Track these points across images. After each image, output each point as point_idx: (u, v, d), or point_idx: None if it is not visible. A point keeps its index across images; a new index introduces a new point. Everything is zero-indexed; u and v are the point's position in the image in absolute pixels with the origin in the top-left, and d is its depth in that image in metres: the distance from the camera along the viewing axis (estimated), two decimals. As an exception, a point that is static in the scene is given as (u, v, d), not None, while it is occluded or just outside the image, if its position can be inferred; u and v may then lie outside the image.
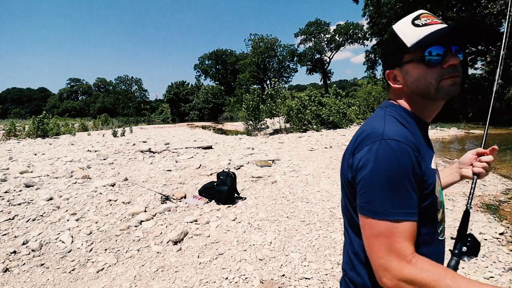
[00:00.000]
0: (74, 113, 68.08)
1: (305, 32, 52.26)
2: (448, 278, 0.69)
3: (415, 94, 0.89)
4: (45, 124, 16.84)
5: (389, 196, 0.74)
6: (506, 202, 4.69)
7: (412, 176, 0.76)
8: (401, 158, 0.75)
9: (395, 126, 0.82)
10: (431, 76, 0.84)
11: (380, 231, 0.75)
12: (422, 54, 0.84)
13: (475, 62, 25.82)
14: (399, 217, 0.74)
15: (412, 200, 0.75)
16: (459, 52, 0.87)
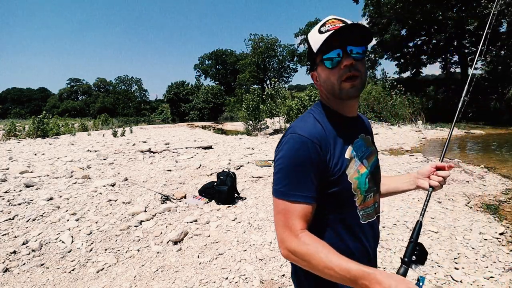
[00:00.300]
0: (74, 113, 68.10)
1: (305, 32, 52.24)
2: (322, 253, 0.82)
3: (328, 93, 1.01)
4: (45, 124, 16.84)
5: (289, 180, 0.89)
6: (506, 202, 4.69)
7: (311, 165, 0.88)
8: (300, 149, 0.88)
9: (306, 123, 0.96)
10: (333, 77, 0.95)
11: (280, 208, 0.90)
12: (322, 57, 0.96)
13: (475, 62, 25.81)
14: (294, 199, 0.88)
15: (307, 185, 0.88)
16: (359, 49, 0.95)
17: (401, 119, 18.83)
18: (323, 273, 0.81)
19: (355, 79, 0.95)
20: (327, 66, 0.96)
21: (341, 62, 0.93)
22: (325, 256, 0.81)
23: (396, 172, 6.61)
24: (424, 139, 13.02)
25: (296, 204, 0.88)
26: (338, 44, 0.93)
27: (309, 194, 0.89)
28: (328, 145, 0.94)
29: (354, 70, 0.94)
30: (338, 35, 0.91)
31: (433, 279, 2.76)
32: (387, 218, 4.14)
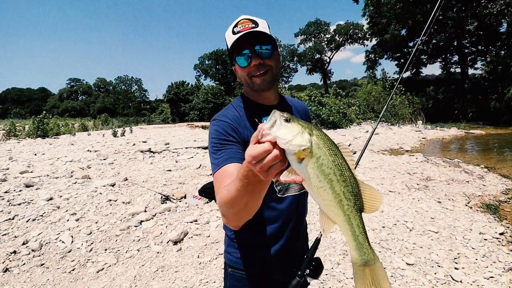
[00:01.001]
0: (74, 113, 68.05)
1: (305, 32, 52.23)
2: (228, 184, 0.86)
3: (245, 86, 1.18)
4: (45, 124, 16.83)
5: (216, 155, 1.02)
6: (506, 202, 4.69)
7: (231, 138, 1.05)
8: (217, 129, 1.07)
9: (224, 111, 1.16)
10: (245, 74, 1.12)
11: (215, 181, 1.00)
12: (235, 57, 1.11)
13: (475, 62, 25.85)
14: (222, 164, 0.99)
15: (232, 151, 1.01)
16: (267, 47, 1.09)
17: (401, 119, 18.82)
18: (237, 193, 0.79)
19: (264, 74, 1.11)
20: (240, 65, 1.12)
21: (251, 62, 1.08)
22: (229, 184, 0.83)
23: (396, 172, 6.61)
24: (424, 139, 13.02)
25: (223, 168, 0.97)
26: (247, 45, 1.08)
27: (230, 161, 0.98)
28: (244, 128, 1.10)
29: (262, 67, 1.10)
30: (247, 37, 1.05)
31: (433, 279, 2.76)
32: (387, 218, 4.14)
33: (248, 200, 0.80)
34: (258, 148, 0.61)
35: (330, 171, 0.64)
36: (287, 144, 0.60)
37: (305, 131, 0.62)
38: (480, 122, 18.74)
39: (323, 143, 0.64)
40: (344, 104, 20.29)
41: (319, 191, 0.65)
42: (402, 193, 5.20)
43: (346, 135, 14.04)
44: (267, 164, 0.61)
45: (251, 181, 0.73)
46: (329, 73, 55.36)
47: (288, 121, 0.62)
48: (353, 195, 0.67)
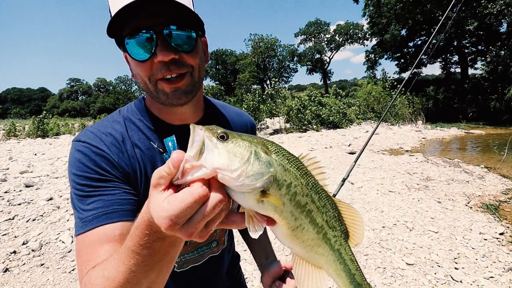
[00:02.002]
0: (74, 113, 68.12)
1: (305, 32, 52.25)
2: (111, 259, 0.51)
3: (145, 92, 0.75)
4: (45, 124, 16.84)
5: (77, 203, 0.67)
6: (506, 202, 4.69)
7: (102, 177, 0.68)
8: (82, 159, 0.69)
9: (102, 124, 0.77)
10: (143, 74, 0.68)
11: (79, 245, 0.64)
12: (124, 40, 0.64)
13: (475, 62, 25.86)
14: (87, 228, 0.64)
15: (103, 205, 0.65)
16: (186, 34, 0.65)
17: (401, 119, 18.83)
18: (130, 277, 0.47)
19: (180, 78, 0.66)
20: (133, 56, 0.64)
21: (155, 54, 0.63)
22: (111, 267, 0.49)
23: (396, 172, 6.61)
24: (424, 139, 13.02)
25: (96, 230, 0.60)
26: (149, 21, 0.61)
27: (114, 207, 0.63)
28: (130, 157, 0.70)
29: (177, 65, 0.65)
30: (149, 6, 0.59)
31: (433, 279, 2.76)
32: (387, 218, 4.14)
33: (152, 281, 0.48)
34: (182, 199, 0.36)
35: (306, 199, 0.44)
36: (239, 178, 0.38)
37: (259, 149, 0.41)
38: (480, 122, 18.74)
39: (288, 162, 0.43)
40: (344, 104, 20.30)
41: (296, 233, 0.46)
42: (402, 193, 5.20)
43: (346, 135, 14.04)
44: (204, 220, 0.38)
45: (157, 249, 0.44)
46: (329, 73, 55.38)
47: (224, 138, 0.41)
48: (337, 220, 0.49)
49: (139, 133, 0.74)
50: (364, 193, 5.23)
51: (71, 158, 0.67)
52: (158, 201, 0.38)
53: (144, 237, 0.43)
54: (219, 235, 0.87)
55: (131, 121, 0.75)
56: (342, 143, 11.48)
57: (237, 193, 0.41)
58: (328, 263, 0.51)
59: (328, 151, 10.31)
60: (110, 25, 0.62)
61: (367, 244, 3.43)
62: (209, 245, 0.84)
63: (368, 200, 4.89)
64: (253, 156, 0.40)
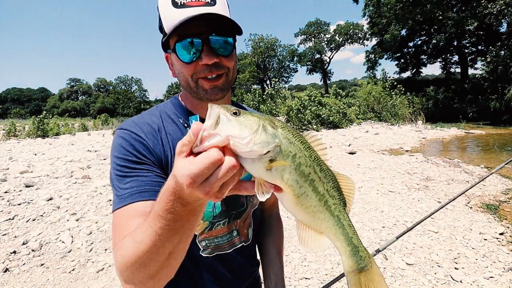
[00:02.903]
0: (74, 113, 68.13)
1: (305, 32, 52.23)
2: (140, 228, 0.57)
3: (184, 89, 0.85)
4: (45, 124, 16.84)
5: (116, 183, 0.75)
6: (506, 202, 4.69)
7: (140, 160, 0.76)
8: (124, 144, 0.78)
9: (142, 117, 0.86)
10: (187, 73, 0.78)
11: (113, 224, 0.72)
12: (175, 44, 0.75)
13: (475, 62, 25.86)
14: (124, 203, 0.72)
15: (138, 185, 0.72)
16: (226, 40, 0.77)
17: (401, 119, 18.83)
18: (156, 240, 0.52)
19: (218, 78, 0.78)
20: (181, 58, 0.75)
21: (200, 58, 0.74)
22: (140, 231, 0.55)
23: (396, 172, 6.61)
24: (424, 139, 13.02)
25: (130, 206, 0.67)
26: (197, 29, 0.73)
27: (148, 188, 0.70)
28: (163, 145, 0.79)
29: (216, 68, 0.76)
30: (200, 18, 0.70)
31: (433, 279, 2.76)
32: (387, 218, 4.14)
33: (174, 246, 0.54)
34: (201, 161, 0.41)
35: (310, 170, 0.50)
36: (248, 145, 0.43)
37: (266, 123, 0.47)
38: (480, 122, 18.74)
39: (292, 136, 0.49)
40: (344, 104, 20.30)
41: (300, 200, 0.51)
42: (402, 193, 5.20)
43: (346, 135, 14.04)
44: (219, 181, 0.43)
45: (180, 215, 0.50)
46: (329, 73, 55.36)
47: (237, 114, 0.46)
48: (336, 189, 0.55)
49: (173, 125, 0.84)
50: (364, 193, 5.23)
51: (114, 142, 0.78)
52: (181, 164, 0.44)
53: (169, 202, 0.49)
54: (240, 226, 0.91)
55: (166, 114, 0.86)
56: (342, 143, 11.48)
57: (248, 161, 0.46)
58: (329, 228, 0.56)
59: (328, 151, 10.32)
60: (163, 27, 0.76)
61: (367, 244, 3.44)
62: (230, 234, 0.89)
63: (368, 200, 4.89)
64: (261, 128, 0.46)
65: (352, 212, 4.38)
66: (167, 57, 0.85)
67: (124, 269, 0.57)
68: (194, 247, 0.83)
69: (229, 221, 0.87)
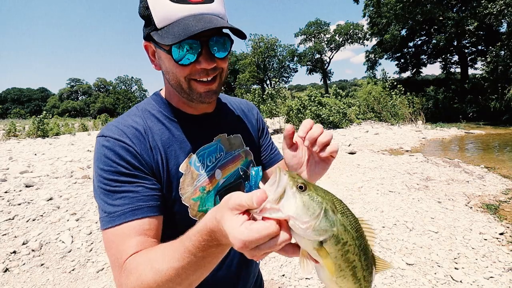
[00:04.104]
0: (74, 113, 68.14)
1: (305, 32, 52.23)
2: (158, 261, 0.56)
3: (173, 88, 0.77)
4: (45, 124, 16.85)
5: (103, 198, 0.70)
6: (506, 202, 4.69)
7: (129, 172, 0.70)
8: (108, 154, 0.72)
9: (122, 119, 0.80)
10: (180, 74, 0.71)
11: (106, 243, 0.68)
12: (168, 43, 0.65)
13: (475, 62, 25.86)
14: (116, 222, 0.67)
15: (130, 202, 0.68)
16: (225, 44, 0.72)
17: (401, 119, 18.83)
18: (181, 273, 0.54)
19: (213, 81, 0.73)
20: (177, 61, 0.68)
21: (199, 61, 0.69)
22: (163, 261, 0.55)
23: (396, 172, 6.61)
24: (424, 139, 13.02)
25: (125, 225, 0.64)
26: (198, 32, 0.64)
27: (141, 203, 0.66)
28: (151, 149, 0.72)
29: (212, 71, 0.72)
30: (201, 19, 0.65)
31: (433, 279, 2.76)
32: (387, 218, 4.14)
33: (197, 278, 0.55)
34: (258, 230, 0.41)
35: (355, 258, 0.49)
36: (306, 230, 0.44)
37: (328, 207, 0.47)
38: (480, 122, 18.74)
39: (349, 224, 0.49)
40: (344, 104, 20.30)
41: (337, 280, 0.51)
42: (402, 193, 5.20)
43: (346, 135, 14.04)
44: (269, 251, 0.44)
45: (211, 253, 0.51)
46: (329, 73, 55.37)
47: (303, 189, 0.46)
48: (371, 274, 0.55)
49: (159, 124, 0.77)
50: (364, 193, 5.23)
51: (97, 153, 0.70)
52: (235, 224, 0.43)
53: (203, 242, 0.50)
54: None
55: (149, 113, 0.79)
56: (342, 143, 11.48)
57: (300, 238, 0.46)
58: None
59: (328, 151, 10.29)
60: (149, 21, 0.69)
61: (367, 244, 3.44)
62: None
63: (368, 200, 4.89)
64: (323, 213, 0.46)
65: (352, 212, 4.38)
66: (146, 46, 0.76)
67: None
68: None
69: None
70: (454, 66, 28.81)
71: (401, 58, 31.43)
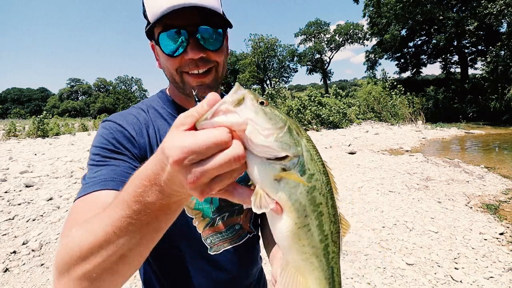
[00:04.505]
0: (74, 113, 68.15)
1: (305, 32, 52.22)
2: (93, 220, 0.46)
3: (171, 83, 0.79)
4: (45, 124, 16.85)
5: (89, 171, 0.68)
6: (506, 202, 4.69)
7: (117, 149, 0.71)
8: (105, 133, 0.74)
9: (126, 110, 0.82)
10: (171, 67, 0.73)
11: (73, 206, 0.64)
12: (158, 34, 0.68)
13: (475, 62, 25.86)
14: (87, 191, 0.63)
15: (108, 174, 0.65)
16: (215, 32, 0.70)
17: (401, 119, 18.83)
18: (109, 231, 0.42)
19: (206, 73, 0.71)
20: (165, 51, 0.69)
21: (186, 51, 0.68)
22: (95, 220, 0.45)
23: (396, 172, 6.61)
24: (424, 139, 13.02)
25: (94, 194, 0.59)
26: (183, 21, 0.65)
27: (118, 176, 0.62)
28: (147, 136, 0.74)
29: (204, 62, 0.70)
30: (186, 8, 0.63)
31: (433, 279, 2.76)
32: (387, 218, 4.14)
33: (130, 247, 0.43)
34: (203, 135, 0.34)
35: (322, 199, 0.41)
36: (268, 137, 0.36)
37: (293, 126, 0.40)
38: (480, 122, 18.74)
39: (315, 153, 0.41)
40: (344, 104, 20.30)
41: (299, 233, 0.41)
42: (402, 193, 5.20)
43: (346, 135, 14.04)
44: (215, 170, 0.34)
45: (149, 207, 0.40)
46: (329, 73, 55.37)
47: (264, 104, 0.39)
48: (338, 236, 0.45)
49: (162, 120, 0.79)
50: (364, 193, 5.23)
51: (96, 134, 0.73)
52: (176, 136, 0.35)
53: (141, 187, 0.40)
54: (243, 221, 0.89)
55: (154, 109, 0.81)
56: (342, 143, 11.48)
57: (257, 161, 0.38)
58: (317, 279, 0.45)
59: (328, 151, 10.31)
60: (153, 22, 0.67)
61: (367, 244, 3.44)
62: (233, 228, 0.86)
63: (368, 200, 4.89)
64: (287, 128, 0.39)
65: (352, 212, 4.38)
66: (153, 46, 0.78)
67: (62, 262, 0.45)
68: (201, 247, 0.80)
69: (231, 214, 0.85)
70: (454, 66, 28.83)
71: (401, 58, 31.43)
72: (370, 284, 2.71)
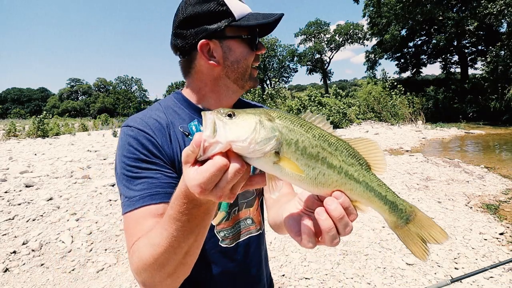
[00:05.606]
0: (74, 113, 68.17)
1: (305, 32, 52.21)
2: (154, 231, 0.59)
3: (232, 76, 0.85)
4: (45, 124, 16.84)
5: (125, 184, 0.74)
6: (506, 202, 4.69)
7: (150, 159, 0.76)
8: (131, 142, 0.78)
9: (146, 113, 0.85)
10: (249, 60, 0.84)
11: (127, 221, 0.73)
12: (247, 33, 0.82)
13: (475, 62, 25.86)
14: (136, 206, 0.72)
15: (149, 187, 0.72)
16: None
17: (401, 119, 18.83)
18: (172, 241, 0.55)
19: (257, 69, 0.89)
20: (251, 48, 0.83)
21: (259, 49, 0.85)
22: (155, 235, 0.58)
23: (396, 172, 6.61)
24: (424, 139, 13.02)
25: (143, 209, 0.68)
26: (260, 27, 0.83)
27: (159, 189, 0.70)
28: (171, 142, 0.78)
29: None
30: (267, 19, 0.82)
31: (433, 279, 2.76)
32: (387, 218, 4.14)
33: (190, 245, 0.57)
34: (207, 169, 0.42)
35: (317, 149, 0.49)
36: (250, 145, 0.44)
37: (263, 118, 0.47)
38: (480, 122, 18.74)
39: (291, 123, 0.49)
40: (344, 104, 20.31)
41: (319, 181, 0.50)
42: (402, 193, 5.20)
43: (346, 135, 14.04)
44: (229, 185, 0.44)
45: (194, 216, 0.52)
46: (329, 73, 55.35)
47: (231, 116, 0.46)
48: (353, 157, 0.53)
49: (180, 120, 0.83)
50: (364, 193, 5.22)
51: (121, 141, 0.76)
52: (189, 174, 0.45)
53: (183, 205, 0.51)
54: (253, 214, 0.93)
55: (172, 109, 0.85)
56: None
57: (254, 160, 0.46)
58: (360, 195, 0.54)
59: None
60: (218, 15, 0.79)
61: (367, 244, 3.44)
62: (244, 222, 0.91)
63: (368, 200, 4.88)
64: (258, 125, 0.46)
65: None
66: (203, 45, 0.80)
67: (141, 271, 0.60)
68: (214, 239, 0.84)
69: (243, 207, 0.90)
70: (454, 66, 28.84)
71: (401, 58, 31.44)
72: (370, 284, 2.71)
